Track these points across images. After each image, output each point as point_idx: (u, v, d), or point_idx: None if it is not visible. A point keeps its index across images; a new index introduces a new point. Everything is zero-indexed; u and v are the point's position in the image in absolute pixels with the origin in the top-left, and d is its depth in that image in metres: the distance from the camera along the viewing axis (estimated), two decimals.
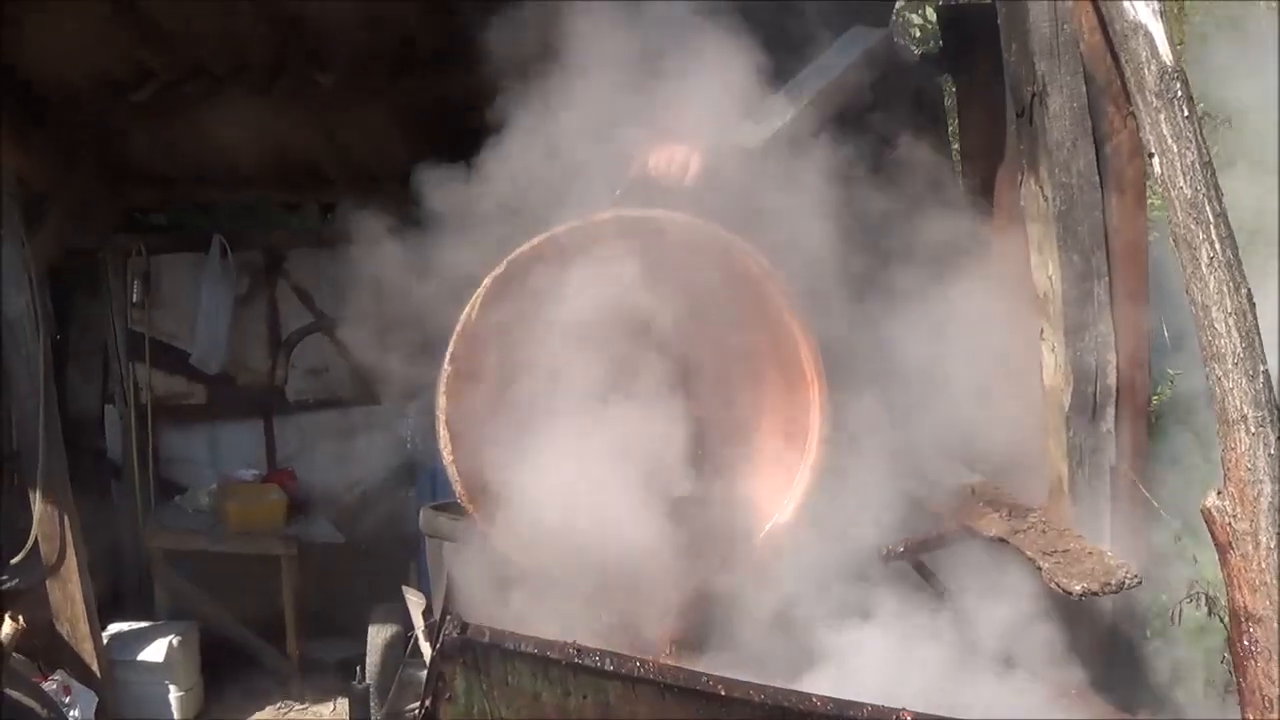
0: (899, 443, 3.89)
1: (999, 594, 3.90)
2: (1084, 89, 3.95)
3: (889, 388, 3.91)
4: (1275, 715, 3.08)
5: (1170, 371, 5.70)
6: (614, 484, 3.31)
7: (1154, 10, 3.52)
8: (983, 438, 4.25)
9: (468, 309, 3.19)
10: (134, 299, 7.59)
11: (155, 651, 6.60)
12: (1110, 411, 3.99)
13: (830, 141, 3.99)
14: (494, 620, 3.12)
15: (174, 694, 6.66)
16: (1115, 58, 3.66)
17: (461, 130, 3.75)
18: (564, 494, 3.23)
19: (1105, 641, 4.06)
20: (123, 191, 7.46)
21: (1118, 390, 3.99)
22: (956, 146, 5.53)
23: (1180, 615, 3.83)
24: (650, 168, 3.56)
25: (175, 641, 6.66)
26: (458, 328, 3.17)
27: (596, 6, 3.75)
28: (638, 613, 3.36)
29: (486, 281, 3.20)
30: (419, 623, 4.81)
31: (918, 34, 9.35)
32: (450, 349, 3.16)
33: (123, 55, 6.02)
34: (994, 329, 4.16)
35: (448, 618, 2.95)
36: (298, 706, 6.98)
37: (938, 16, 5.35)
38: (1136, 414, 4.07)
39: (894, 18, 7.32)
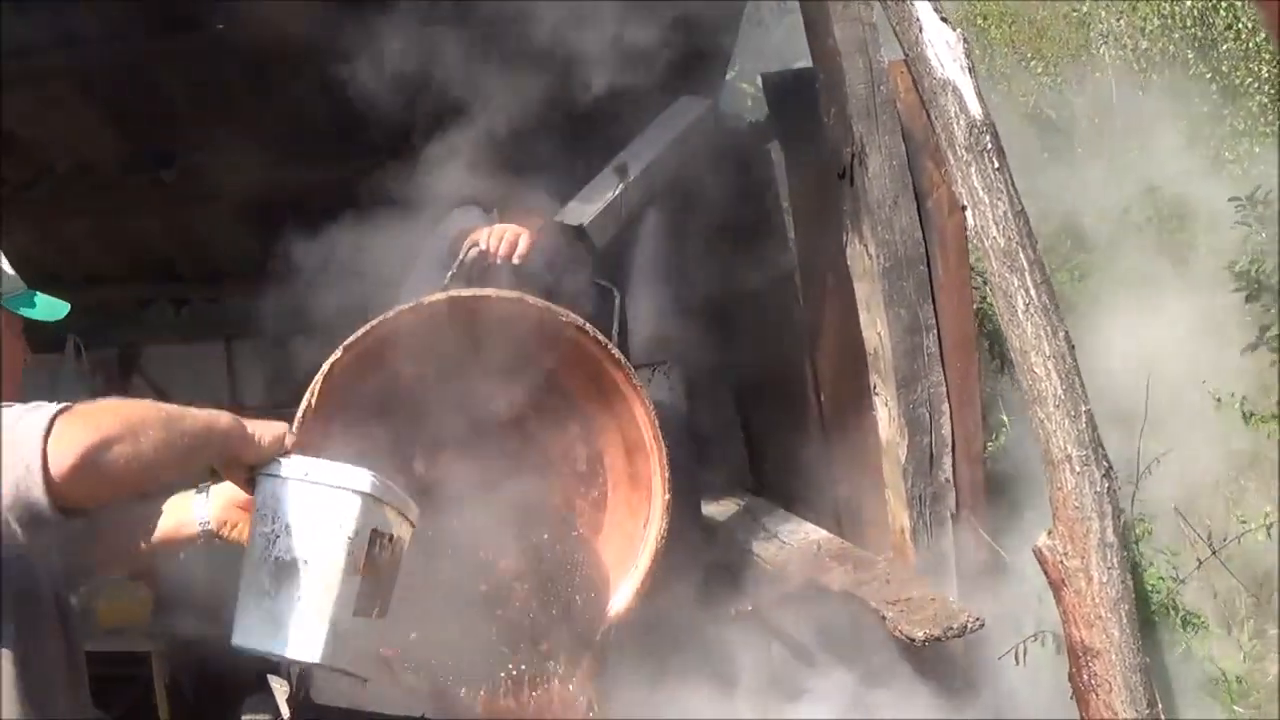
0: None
1: (850, 646, 3.95)
2: (903, 147, 4.06)
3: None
4: None
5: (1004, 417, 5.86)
6: (460, 559, 3.28)
7: (962, 66, 3.64)
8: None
9: (307, 397, 3.13)
10: None
11: None
12: (947, 460, 4.07)
13: (659, 213, 4.06)
14: (353, 700, 3.09)
15: None
16: (928, 114, 3.77)
17: (310, 220, 3.75)
18: (412, 570, 3.18)
19: (960, 686, 4.11)
20: None
21: (953, 439, 4.07)
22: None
23: (1024, 655, 3.89)
24: (481, 249, 3.58)
25: None
26: (298, 415, 3.10)
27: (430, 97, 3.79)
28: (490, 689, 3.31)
29: (325, 366, 3.15)
30: (285, 711, 4.73)
31: (749, 103, 9.53)
32: (294, 433, 3.10)
33: None
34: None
35: (299, 702, 2.89)
36: None
37: (763, 83, 5.46)
38: (973, 461, 4.16)
39: (726, 86, 7.47)
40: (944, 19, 3.69)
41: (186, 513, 2.52)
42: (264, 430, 2.28)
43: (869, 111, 4.01)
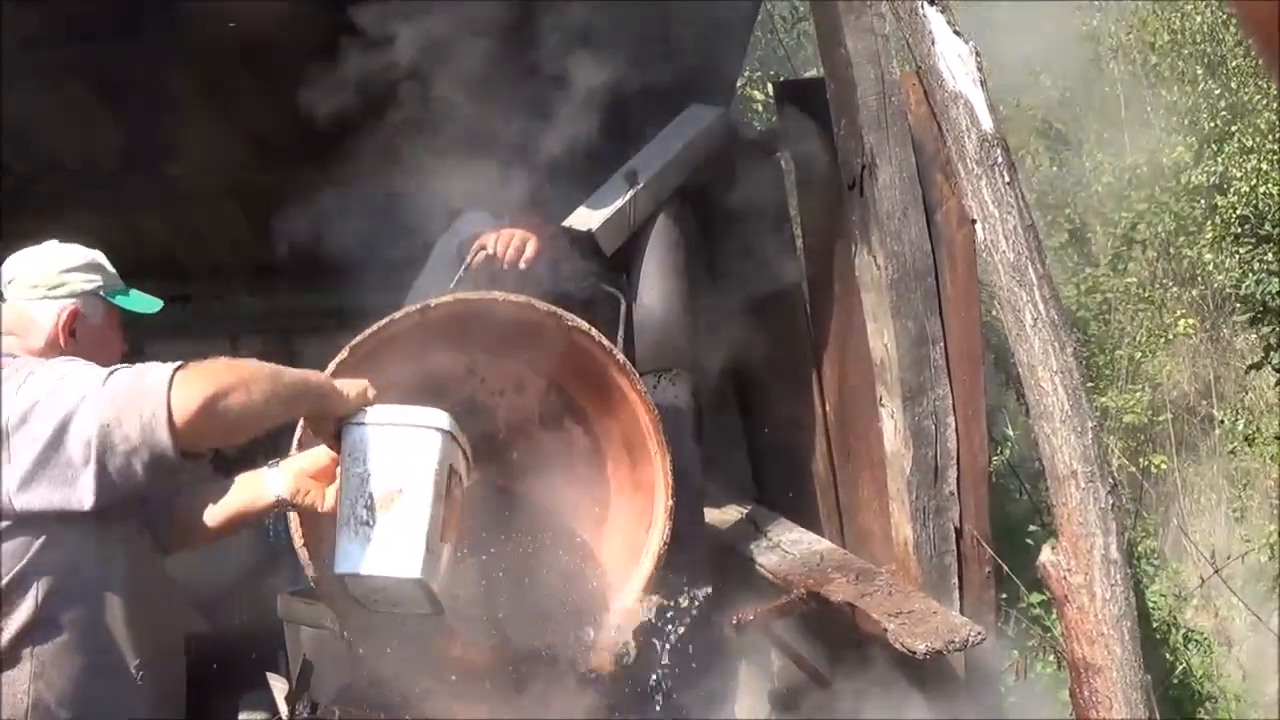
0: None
1: (851, 657, 3.95)
2: (913, 159, 4.04)
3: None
4: None
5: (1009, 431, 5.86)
6: (462, 567, 3.28)
7: (974, 79, 3.65)
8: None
9: None
10: None
11: None
12: (952, 473, 4.06)
13: (667, 220, 4.06)
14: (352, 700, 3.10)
15: None
16: (939, 127, 3.77)
17: (315, 217, 3.76)
18: None
19: (962, 700, 4.10)
20: None
21: (958, 452, 4.06)
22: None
23: (1026, 670, 3.89)
24: (489, 253, 3.58)
25: None
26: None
27: (436, 97, 3.79)
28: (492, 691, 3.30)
29: (330, 366, 3.15)
30: (283, 708, 4.74)
31: (760, 109, 9.55)
32: (298, 434, 3.10)
33: None
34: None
35: (299, 700, 2.92)
36: None
37: (774, 91, 5.46)
38: (978, 475, 4.15)
39: (736, 94, 7.47)
40: (957, 31, 3.69)
41: (259, 486, 2.71)
42: (349, 386, 2.57)
43: (880, 123, 4.00)
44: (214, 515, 2.73)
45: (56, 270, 2.73)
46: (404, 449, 2.55)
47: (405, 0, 3.78)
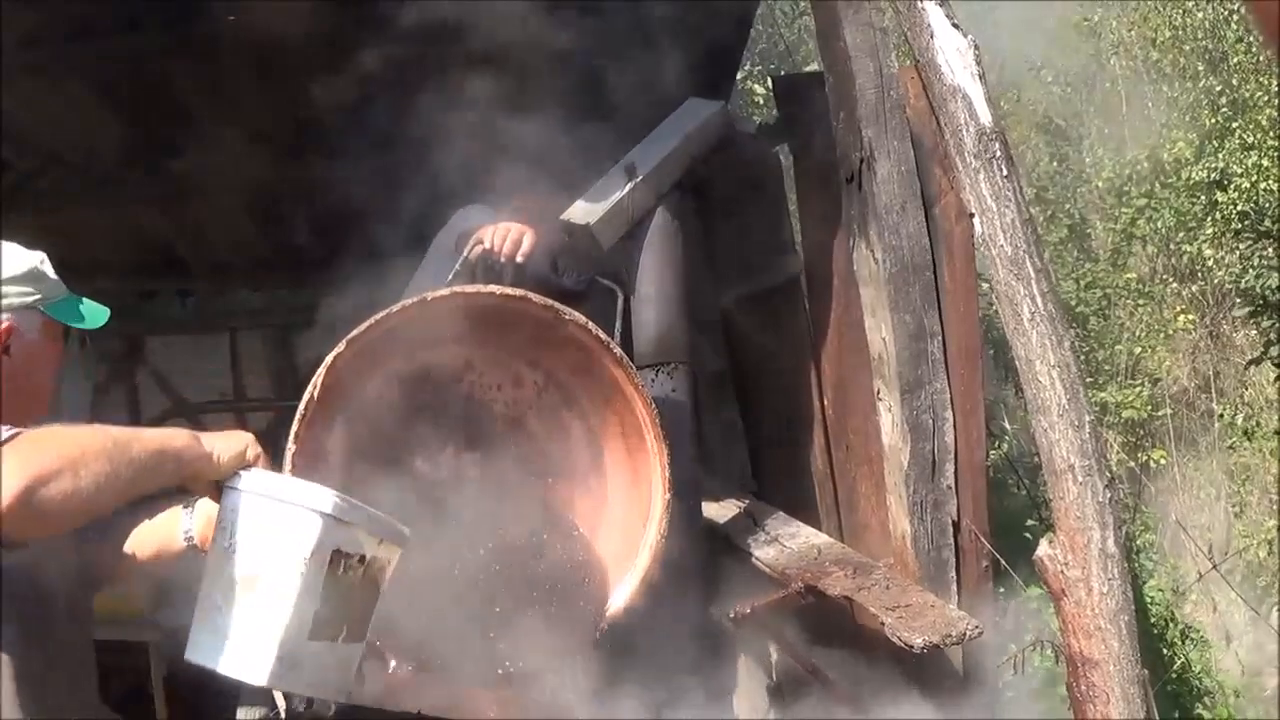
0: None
1: (849, 651, 3.95)
2: (912, 153, 4.05)
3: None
4: None
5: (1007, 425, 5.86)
6: (460, 556, 3.27)
7: (972, 73, 3.64)
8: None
9: (309, 391, 3.13)
10: None
11: None
12: (950, 467, 4.06)
13: (666, 214, 4.05)
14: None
15: None
16: (937, 121, 3.77)
17: (315, 211, 3.76)
18: (411, 568, 3.18)
19: (959, 694, 4.10)
20: None
21: (956, 446, 4.06)
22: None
23: (1023, 664, 3.89)
24: (486, 247, 3.58)
25: None
26: (300, 407, 3.10)
27: (437, 94, 3.79)
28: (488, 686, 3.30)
29: (328, 359, 3.15)
30: (281, 703, 4.73)
31: (760, 103, 9.55)
32: (295, 427, 3.10)
33: None
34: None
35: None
36: None
37: (773, 86, 5.45)
38: (975, 469, 4.15)
39: (736, 88, 7.47)
40: (956, 25, 3.69)
41: (174, 528, 2.50)
42: (224, 446, 2.23)
43: (878, 116, 4.00)
44: (139, 549, 2.53)
45: None
46: (272, 528, 2.18)
47: None
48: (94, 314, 2.60)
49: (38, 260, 2.50)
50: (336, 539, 2.19)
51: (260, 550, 2.16)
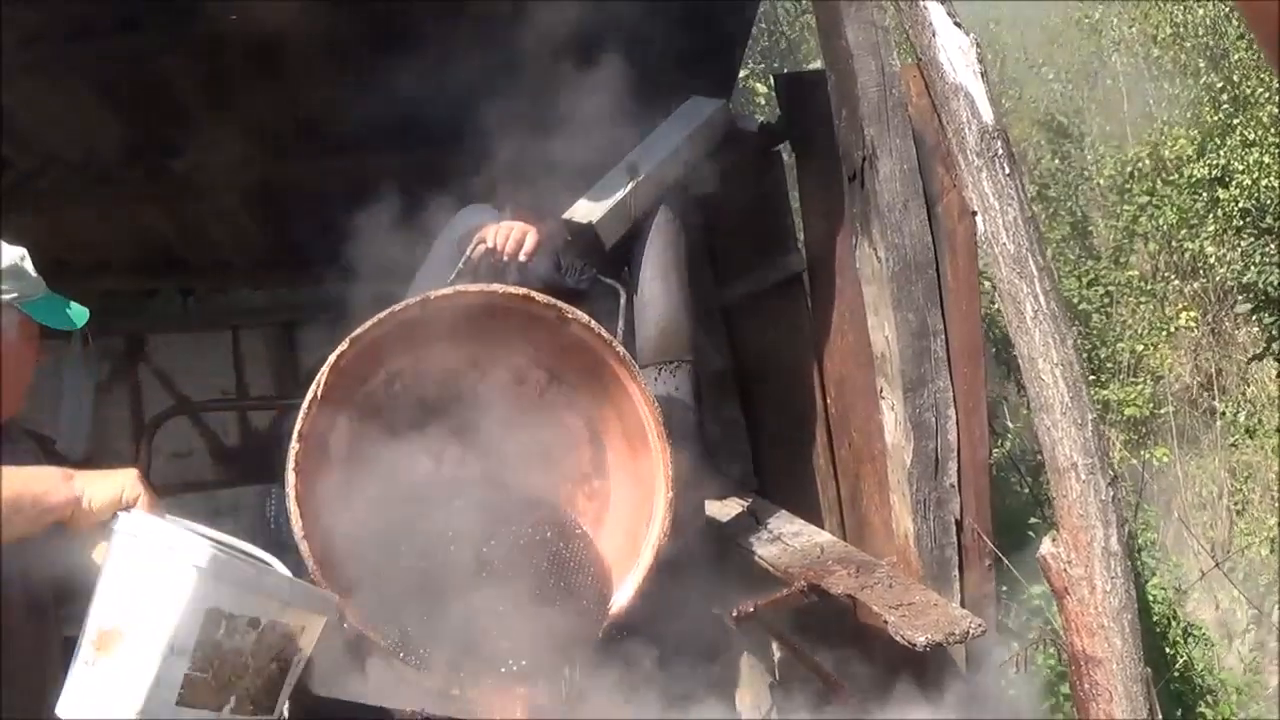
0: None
1: (852, 650, 3.95)
2: (914, 151, 4.04)
3: None
4: None
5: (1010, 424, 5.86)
6: (463, 555, 3.27)
7: (974, 71, 3.64)
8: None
9: (314, 386, 3.13)
10: None
11: None
12: (953, 466, 4.05)
13: (668, 213, 4.05)
14: (349, 692, 3.11)
15: None
16: (939, 119, 3.76)
17: (317, 212, 3.75)
18: (414, 566, 3.19)
19: (963, 691, 4.10)
20: None
21: (959, 444, 4.06)
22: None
23: (1026, 662, 3.89)
24: (489, 246, 3.58)
25: None
26: (305, 404, 3.10)
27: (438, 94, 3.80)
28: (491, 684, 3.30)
29: (331, 358, 3.15)
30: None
31: (763, 102, 9.54)
32: (299, 425, 3.10)
33: None
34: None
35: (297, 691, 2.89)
36: None
37: (775, 84, 5.45)
38: (978, 467, 4.14)
39: (738, 86, 7.46)
40: (957, 23, 3.69)
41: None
42: (98, 489, 2.07)
43: (880, 115, 3.99)
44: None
45: None
46: (144, 578, 1.98)
47: None
48: (76, 314, 2.54)
49: (18, 257, 2.44)
50: (214, 597, 1.99)
51: (125, 601, 1.98)
